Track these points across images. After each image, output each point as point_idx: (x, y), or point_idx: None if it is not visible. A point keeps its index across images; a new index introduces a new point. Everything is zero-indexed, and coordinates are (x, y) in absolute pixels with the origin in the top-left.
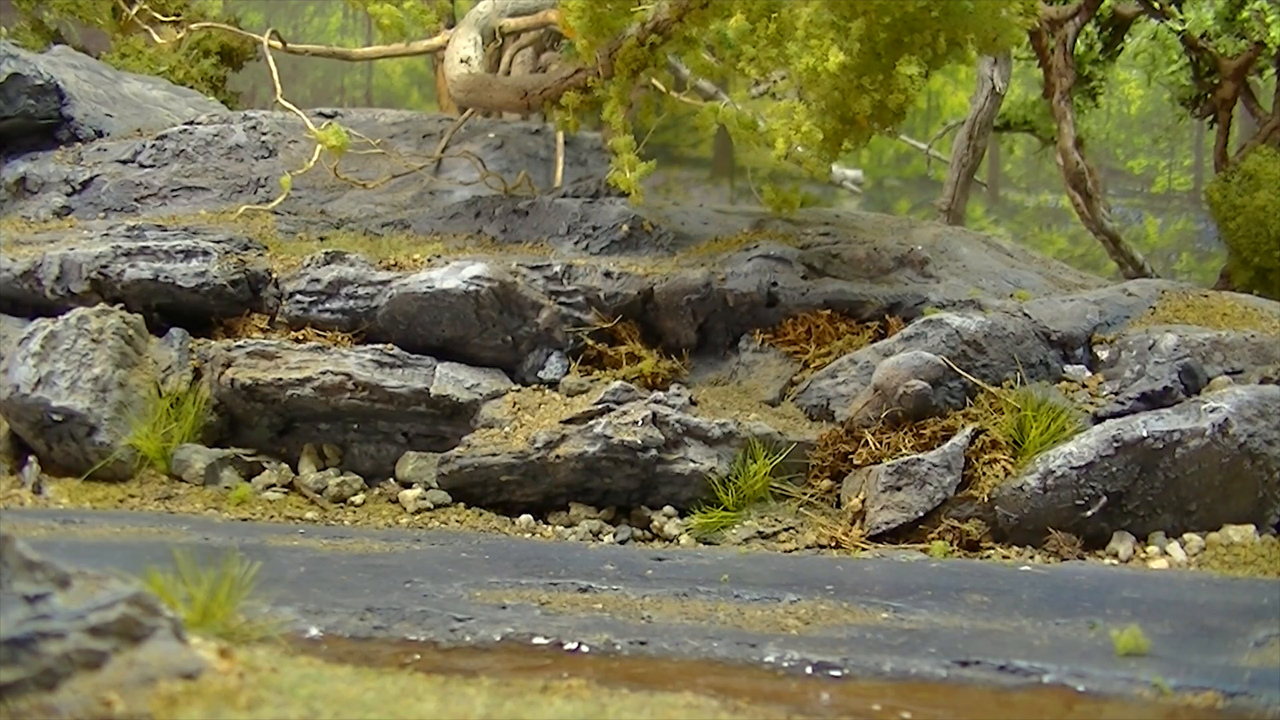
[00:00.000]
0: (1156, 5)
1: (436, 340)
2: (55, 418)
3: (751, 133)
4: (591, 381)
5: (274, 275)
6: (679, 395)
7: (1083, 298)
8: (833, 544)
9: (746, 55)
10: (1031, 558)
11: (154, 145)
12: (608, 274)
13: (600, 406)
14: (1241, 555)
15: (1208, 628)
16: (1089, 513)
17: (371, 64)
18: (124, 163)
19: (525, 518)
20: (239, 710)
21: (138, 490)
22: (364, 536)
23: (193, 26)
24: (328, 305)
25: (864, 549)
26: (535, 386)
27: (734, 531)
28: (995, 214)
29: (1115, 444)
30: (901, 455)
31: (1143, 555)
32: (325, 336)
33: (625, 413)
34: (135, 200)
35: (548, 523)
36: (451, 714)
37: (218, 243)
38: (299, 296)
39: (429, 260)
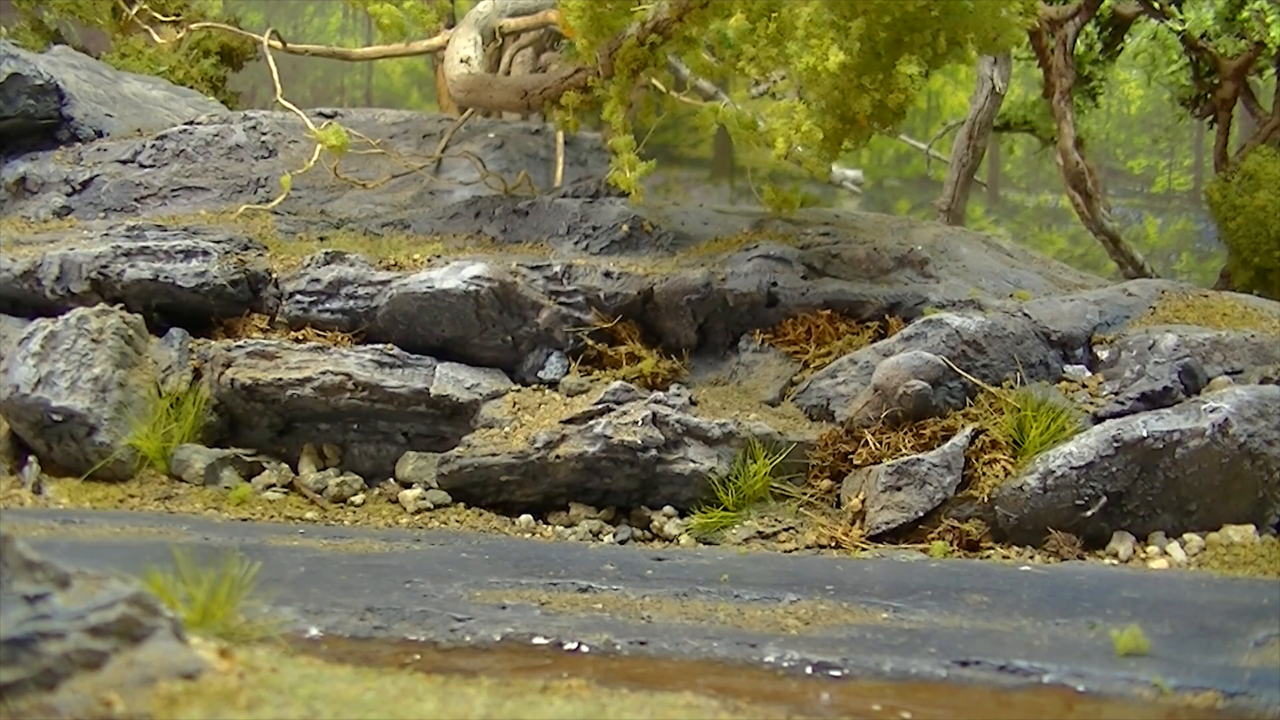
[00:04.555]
0: (1156, 5)
1: (436, 340)
2: (55, 418)
3: (751, 133)
4: (591, 381)
5: (274, 275)
6: (679, 395)
7: (1083, 298)
8: (833, 544)
9: (746, 55)
10: (1031, 558)
11: (154, 145)
12: (608, 274)
13: (600, 406)
14: (1241, 555)
15: (1208, 628)
16: (1089, 513)
17: (371, 64)
18: (124, 163)
19: (525, 518)
20: (239, 710)
21: (138, 490)
22: (364, 536)
23: (193, 26)
24: (328, 305)
25: (864, 549)
26: (535, 386)
27: (734, 531)
28: (995, 214)
29: (1115, 444)
30: (901, 455)
31: (1143, 555)
32: (325, 336)
33: (625, 413)
34: (135, 200)
35: (548, 523)
36: (451, 714)
37: (218, 243)
38: (299, 296)
39: (429, 260)
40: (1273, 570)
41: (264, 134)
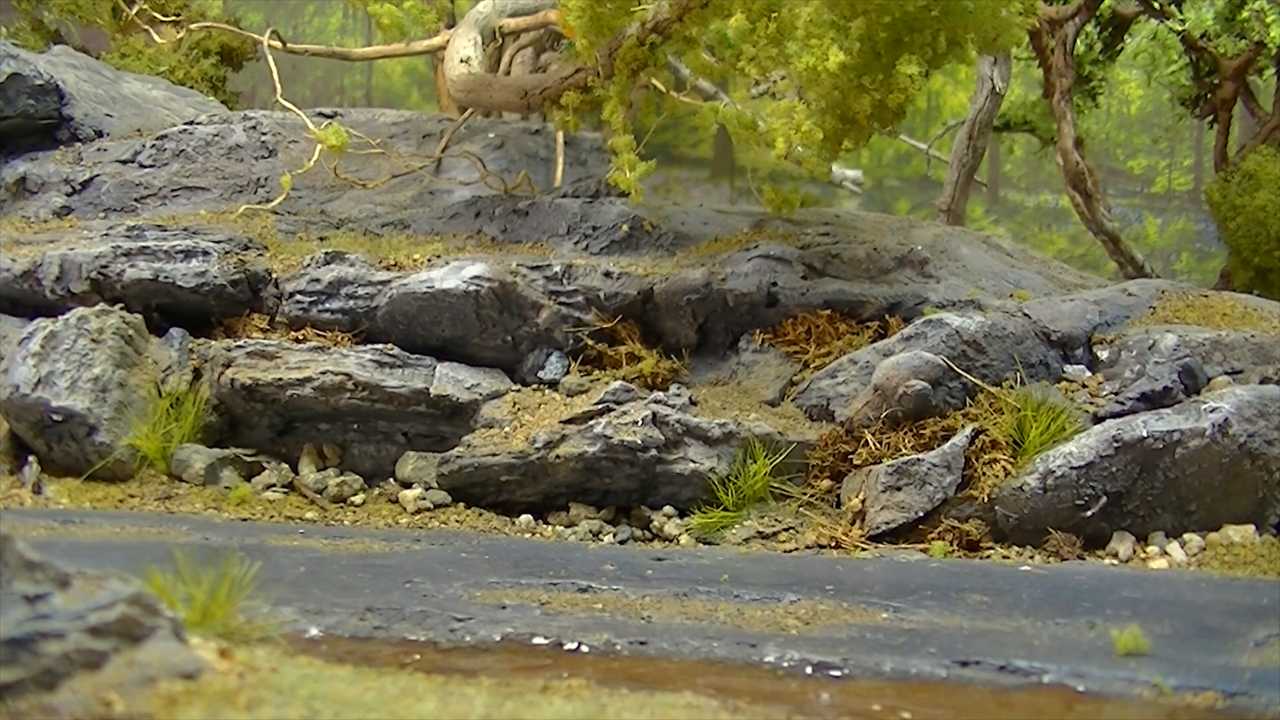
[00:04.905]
0: (1156, 5)
1: (436, 340)
2: (55, 418)
3: (751, 133)
4: (591, 381)
5: (274, 275)
6: (679, 395)
7: (1083, 298)
8: (833, 544)
9: (746, 55)
10: (1031, 558)
11: (154, 145)
12: (608, 274)
13: (600, 406)
14: (1241, 555)
15: (1208, 628)
16: (1089, 513)
17: (371, 64)
18: (124, 163)
19: (525, 518)
20: (239, 710)
21: (138, 490)
22: (364, 536)
23: (193, 26)
24: (328, 305)
25: (864, 549)
26: (535, 386)
27: (734, 531)
28: (995, 214)
29: (1115, 444)
30: (901, 455)
31: (1143, 555)
32: (325, 336)
33: (625, 413)
34: (135, 200)
35: (548, 523)
36: (451, 714)
37: (218, 243)
38: (299, 296)
39: (429, 260)
40: (1273, 570)
41: (264, 134)
